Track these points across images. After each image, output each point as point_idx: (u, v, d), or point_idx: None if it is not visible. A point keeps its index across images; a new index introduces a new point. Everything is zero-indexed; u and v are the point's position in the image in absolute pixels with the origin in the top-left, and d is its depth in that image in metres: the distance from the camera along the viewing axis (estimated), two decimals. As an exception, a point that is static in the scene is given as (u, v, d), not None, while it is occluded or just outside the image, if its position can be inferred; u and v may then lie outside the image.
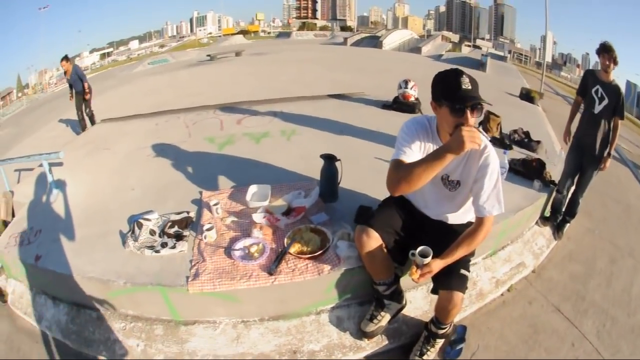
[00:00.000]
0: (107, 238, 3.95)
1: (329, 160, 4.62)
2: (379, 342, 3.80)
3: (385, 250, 3.45)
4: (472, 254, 3.44)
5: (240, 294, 3.54)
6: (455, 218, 3.57)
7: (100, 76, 32.64)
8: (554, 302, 4.93)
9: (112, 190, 4.90)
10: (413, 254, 3.13)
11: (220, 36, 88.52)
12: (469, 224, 3.44)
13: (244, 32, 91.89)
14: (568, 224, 6.27)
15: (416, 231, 3.42)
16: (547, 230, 6.08)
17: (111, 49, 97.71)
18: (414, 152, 3.17)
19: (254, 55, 24.29)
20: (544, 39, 28.84)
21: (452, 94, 2.87)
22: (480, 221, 3.22)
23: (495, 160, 3.15)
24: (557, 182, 6.10)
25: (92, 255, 3.73)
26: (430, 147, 3.20)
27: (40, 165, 5.28)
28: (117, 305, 3.66)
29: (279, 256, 3.72)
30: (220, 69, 18.23)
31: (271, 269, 3.59)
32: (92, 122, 10.64)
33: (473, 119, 2.85)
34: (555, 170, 6.21)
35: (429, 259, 3.12)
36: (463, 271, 3.31)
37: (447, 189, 3.39)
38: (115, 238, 3.95)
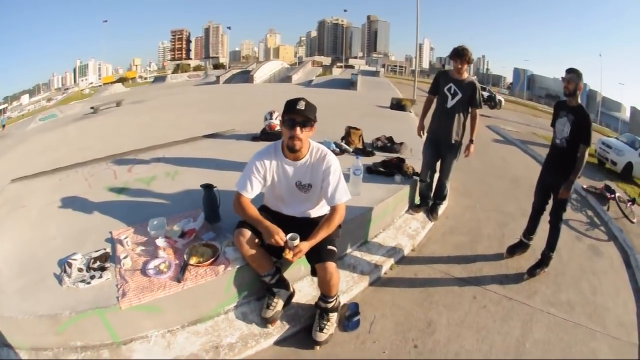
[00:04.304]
0: (45, 281, 4.20)
1: (208, 188, 5.18)
2: (283, 328, 4.32)
3: (261, 246, 4.06)
4: (336, 234, 4.21)
5: (161, 302, 4.00)
6: (314, 212, 4.39)
7: (-2, 136, 31.45)
8: (442, 270, 5.53)
9: (38, 242, 5.13)
10: (285, 241, 3.83)
11: (100, 85, 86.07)
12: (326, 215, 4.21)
13: (122, 80, 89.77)
14: (441, 206, 6.80)
15: (285, 227, 3.95)
16: (421, 215, 6.68)
17: (6, 105, 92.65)
18: (254, 187, 4.15)
19: (133, 104, 24.28)
20: (418, 48, 30.09)
21: (287, 112, 3.88)
22: (333, 209, 4.09)
23: (335, 162, 4.13)
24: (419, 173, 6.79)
25: (38, 297, 3.98)
26: (275, 166, 4.16)
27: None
28: (67, 339, 3.87)
29: (183, 268, 4.25)
30: (104, 121, 18.13)
31: (179, 277, 4.13)
32: None
33: (299, 131, 3.88)
34: (420, 164, 6.87)
35: (297, 242, 3.84)
36: (330, 247, 4.03)
37: (303, 192, 4.22)
38: (51, 280, 4.20)
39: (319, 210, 4.41)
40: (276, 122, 9.59)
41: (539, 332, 4.37)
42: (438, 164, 6.67)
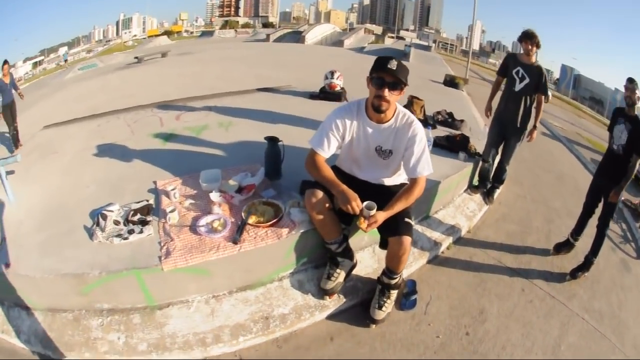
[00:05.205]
0: (73, 234, 3.88)
1: (272, 141, 4.83)
2: (340, 300, 4.00)
3: (332, 210, 3.72)
4: (411, 207, 3.80)
5: (211, 265, 3.63)
6: (390, 181, 4.03)
7: (33, 86, 31.28)
8: (495, 257, 5.32)
9: (68, 190, 4.81)
10: (361, 209, 3.44)
11: (145, 38, 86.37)
12: (403, 184, 3.93)
13: (168, 33, 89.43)
14: (497, 190, 6.68)
15: (358, 193, 3.58)
16: (478, 197, 6.49)
17: (42, 57, 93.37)
18: (331, 146, 3.77)
19: (180, 56, 23.97)
20: (471, 28, 29.50)
21: (377, 70, 3.47)
22: (414, 181, 3.72)
23: (421, 131, 3.73)
24: (482, 153, 6.50)
25: (62, 253, 3.65)
26: (355, 126, 3.78)
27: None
28: (91, 301, 3.58)
29: (240, 227, 3.90)
30: (148, 71, 17.91)
31: (235, 238, 3.77)
32: (16, 144, 8.52)
33: (388, 93, 3.45)
34: (479, 144, 6.62)
35: (374, 211, 3.47)
36: (407, 219, 3.67)
37: (382, 158, 3.85)
38: (81, 233, 3.88)
39: (396, 179, 4.07)
40: (337, 82, 9.33)
41: (573, 337, 4.27)
42: (501, 147, 6.47)
